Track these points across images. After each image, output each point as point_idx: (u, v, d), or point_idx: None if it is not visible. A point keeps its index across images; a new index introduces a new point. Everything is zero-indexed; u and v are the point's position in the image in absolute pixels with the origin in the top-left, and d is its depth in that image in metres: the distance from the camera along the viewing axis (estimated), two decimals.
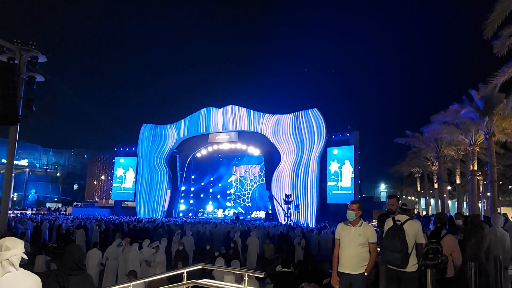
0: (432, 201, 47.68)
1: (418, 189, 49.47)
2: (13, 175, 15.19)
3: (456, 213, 11.02)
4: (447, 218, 7.69)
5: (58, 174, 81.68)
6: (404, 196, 63.82)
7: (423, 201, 50.77)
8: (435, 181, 39.48)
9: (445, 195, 34.37)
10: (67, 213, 46.22)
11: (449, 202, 40.27)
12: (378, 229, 7.17)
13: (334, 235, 6.16)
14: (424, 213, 43.38)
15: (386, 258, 5.52)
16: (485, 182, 34.03)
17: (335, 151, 38.40)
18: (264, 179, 45.91)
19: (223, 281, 7.00)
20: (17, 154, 15.63)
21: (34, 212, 45.28)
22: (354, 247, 5.36)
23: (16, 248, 2.91)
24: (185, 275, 6.26)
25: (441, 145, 32.47)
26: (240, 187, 53.97)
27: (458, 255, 6.53)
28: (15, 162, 15.51)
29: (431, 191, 45.31)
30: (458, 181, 34.69)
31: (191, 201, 51.98)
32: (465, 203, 45.57)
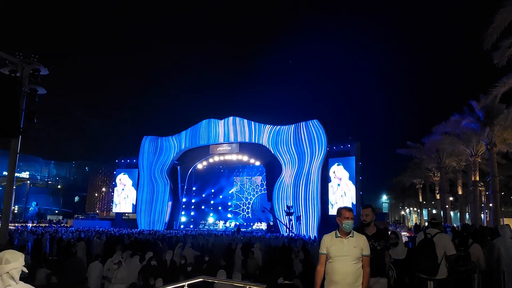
0: (434, 212, 47.50)
1: (420, 200, 49.31)
2: (14, 187, 15.17)
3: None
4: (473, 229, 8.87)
5: (59, 187, 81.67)
6: (406, 207, 63.49)
7: (425, 212, 50.51)
8: (437, 192, 39.43)
9: (447, 206, 34.30)
10: (68, 226, 46.08)
11: (451, 213, 40.14)
12: None
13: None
14: (426, 224, 43.18)
15: (417, 268, 6.20)
16: (487, 193, 33.93)
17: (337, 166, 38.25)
18: (266, 189, 45.84)
19: None
20: (18, 166, 15.61)
21: (35, 224, 45.14)
22: (349, 262, 4.69)
23: (16, 261, 2.90)
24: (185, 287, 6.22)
25: (442, 155, 32.49)
26: (241, 195, 53.85)
27: (483, 262, 7.35)
28: (16, 174, 15.50)
29: (433, 202, 45.18)
30: (460, 192, 34.64)
31: (192, 213, 51.84)
32: (467, 213, 45.38)
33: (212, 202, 54.08)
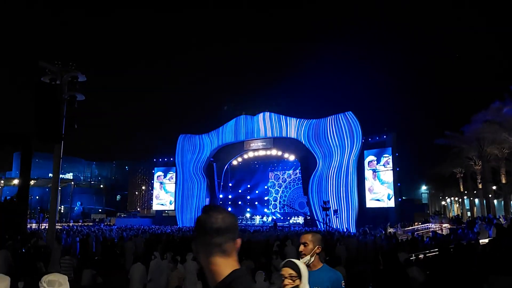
0: (476, 201, 46.00)
1: (461, 189, 47.79)
2: (60, 188, 15.87)
3: None
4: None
5: (101, 186, 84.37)
6: (446, 198, 61.70)
7: (467, 202, 49.00)
8: (478, 181, 38.16)
9: (490, 195, 33.21)
10: (111, 224, 47.62)
11: (495, 201, 38.72)
12: None
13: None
14: (469, 214, 41.92)
15: None
16: None
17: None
18: (301, 183, 45.80)
19: None
20: (62, 168, 16.33)
21: (80, 224, 46.89)
22: None
23: (66, 284, 3.08)
24: None
25: (483, 144, 31.49)
26: (278, 188, 54.12)
27: None
28: (61, 176, 16.20)
29: (475, 191, 43.74)
30: (503, 181, 33.45)
31: (229, 209, 52.40)
32: None
33: (248, 197, 54.55)
